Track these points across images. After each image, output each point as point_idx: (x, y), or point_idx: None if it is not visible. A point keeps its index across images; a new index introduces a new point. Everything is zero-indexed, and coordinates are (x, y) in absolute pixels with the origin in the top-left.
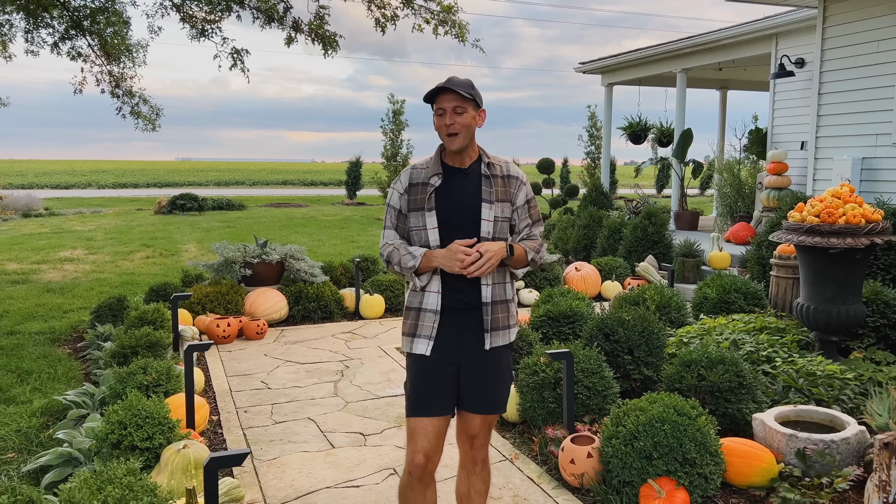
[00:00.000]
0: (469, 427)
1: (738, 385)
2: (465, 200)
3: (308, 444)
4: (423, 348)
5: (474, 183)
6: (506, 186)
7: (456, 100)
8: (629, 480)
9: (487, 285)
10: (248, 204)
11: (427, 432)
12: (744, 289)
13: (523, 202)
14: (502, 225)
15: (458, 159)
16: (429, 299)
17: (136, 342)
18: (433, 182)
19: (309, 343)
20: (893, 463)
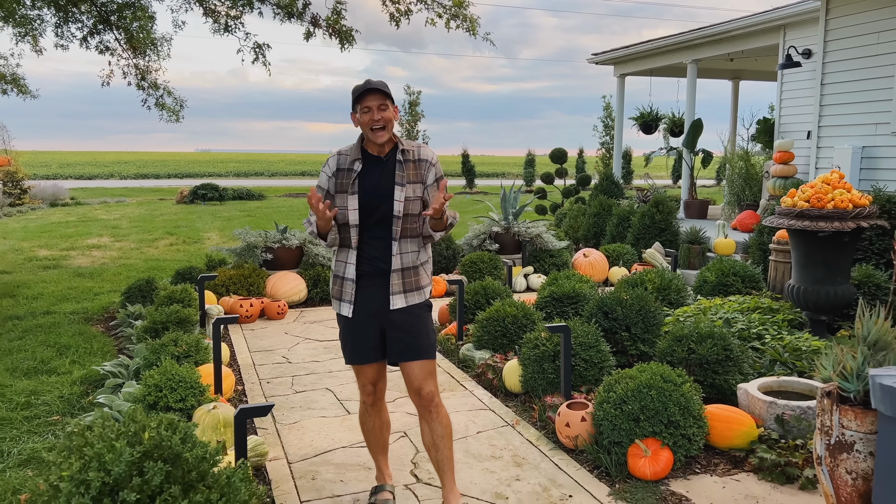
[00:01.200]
0: (412, 380)
1: (725, 358)
2: (381, 184)
3: (326, 411)
4: (347, 311)
5: (390, 168)
6: (417, 169)
7: (380, 98)
8: (618, 441)
9: (397, 255)
10: (267, 194)
11: (365, 373)
12: (742, 272)
13: (433, 181)
14: (413, 203)
15: (378, 149)
16: (347, 270)
17: (166, 318)
18: (355, 168)
19: (327, 323)
20: (834, 409)
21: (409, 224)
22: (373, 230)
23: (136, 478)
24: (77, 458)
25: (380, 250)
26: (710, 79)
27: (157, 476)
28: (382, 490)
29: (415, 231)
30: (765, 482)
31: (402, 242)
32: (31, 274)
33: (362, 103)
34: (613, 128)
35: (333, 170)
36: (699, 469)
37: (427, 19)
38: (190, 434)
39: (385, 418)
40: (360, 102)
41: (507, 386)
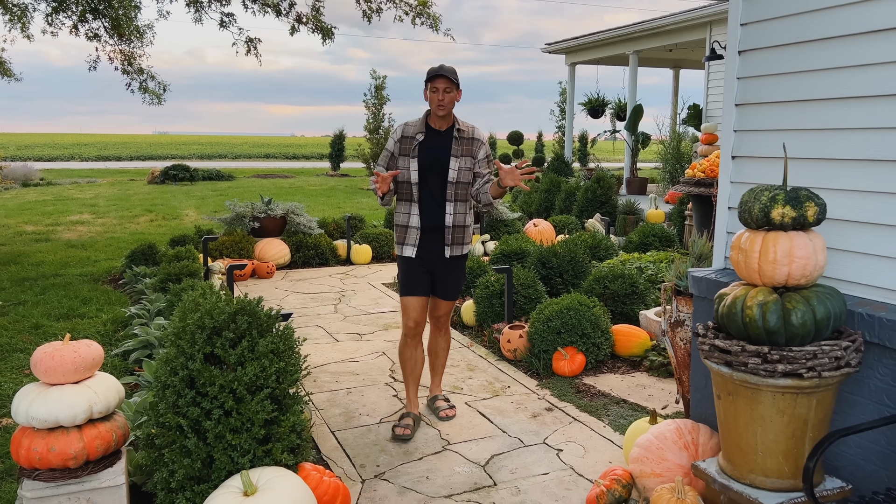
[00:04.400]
0: (437, 309)
1: (632, 292)
2: (439, 154)
3: (318, 340)
4: (410, 252)
5: (447, 142)
6: (470, 146)
7: (447, 83)
8: (545, 349)
9: (450, 214)
10: (235, 175)
11: (413, 306)
12: (660, 234)
13: (483, 157)
14: (465, 173)
15: (439, 123)
16: (412, 220)
17: (179, 271)
18: (418, 137)
19: (310, 280)
20: (672, 298)
21: (460, 190)
22: (430, 190)
23: (232, 324)
24: (194, 312)
25: (434, 209)
26: (654, 67)
27: (244, 324)
28: (407, 416)
29: (465, 196)
30: (653, 377)
31: (455, 204)
32: (25, 246)
33: (432, 83)
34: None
35: (399, 136)
36: (606, 370)
37: (395, 16)
38: (260, 303)
39: (421, 353)
40: (431, 82)
41: (465, 321)
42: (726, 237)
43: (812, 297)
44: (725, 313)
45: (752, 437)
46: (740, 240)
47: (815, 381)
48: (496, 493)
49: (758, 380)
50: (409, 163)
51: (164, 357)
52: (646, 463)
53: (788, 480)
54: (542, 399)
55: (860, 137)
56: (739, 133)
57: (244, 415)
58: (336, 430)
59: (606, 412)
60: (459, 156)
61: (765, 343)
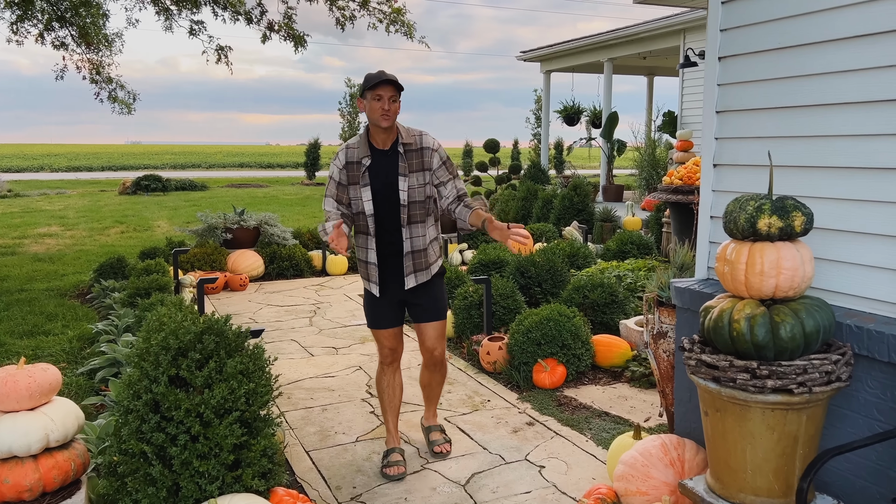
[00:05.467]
0: (425, 339)
1: (611, 301)
2: (387, 176)
3: (293, 355)
4: (375, 290)
5: (393, 161)
6: (420, 158)
7: (392, 90)
8: (525, 361)
9: (407, 239)
10: (209, 185)
11: (385, 336)
12: (638, 241)
13: (439, 164)
14: (419, 191)
15: (382, 141)
16: (369, 255)
17: (148, 285)
18: (364, 162)
19: (285, 292)
20: (655, 310)
21: (415, 211)
22: (384, 217)
23: (198, 344)
24: (158, 332)
25: (393, 234)
26: (628, 75)
27: (212, 343)
28: (394, 452)
29: (422, 215)
30: (634, 388)
31: (410, 228)
32: None
33: (375, 91)
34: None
35: (344, 162)
36: (587, 381)
37: (369, 24)
38: (228, 321)
39: (399, 380)
40: (373, 90)
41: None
42: (709, 247)
43: (801, 310)
44: (712, 327)
45: (741, 455)
46: (726, 251)
47: (805, 396)
48: None
49: (747, 396)
50: (360, 192)
51: (127, 380)
52: (631, 481)
53: (779, 499)
54: (523, 413)
55: (844, 145)
56: (721, 141)
57: (212, 440)
58: (311, 451)
59: (588, 426)
60: (409, 173)
61: (753, 358)
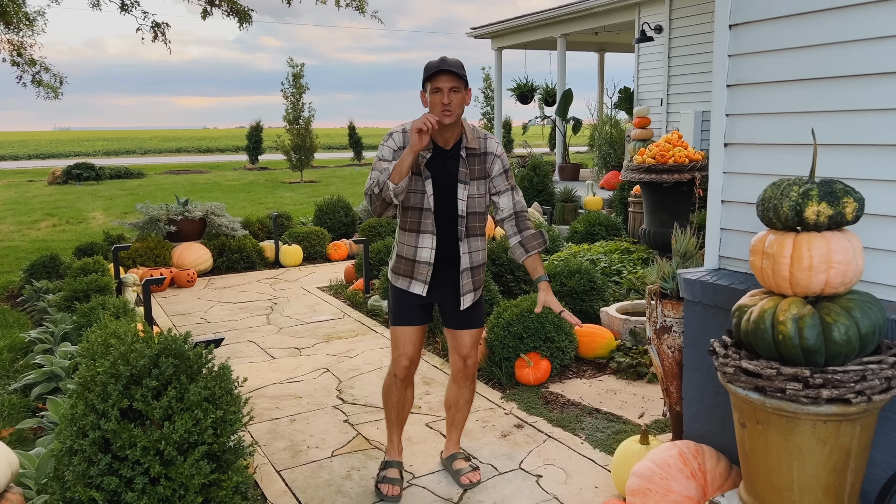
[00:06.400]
0: (460, 347)
1: (590, 288)
2: (446, 180)
3: (252, 358)
4: (420, 290)
5: (454, 163)
6: (483, 164)
7: (453, 80)
8: (507, 357)
9: (465, 254)
10: (146, 172)
11: (409, 339)
12: (605, 222)
13: (500, 172)
14: (479, 201)
15: (443, 139)
16: (421, 253)
17: (86, 287)
18: (425, 155)
19: (237, 288)
20: (658, 303)
21: (474, 223)
22: (442, 223)
23: (154, 370)
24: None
25: (444, 247)
26: (580, 51)
27: (170, 367)
28: (391, 467)
29: (480, 228)
30: (621, 380)
31: (468, 241)
32: None
33: (433, 83)
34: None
35: (400, 145)
36: (571, 374)
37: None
38: (187, 339)
39: (410, 395)
40: (431, 81)
41: None
42: (720, 234)
43: (853, 308)
44: (752, 329)
45: (786, 472)
46: (764, 243)
47: (863, 406)
48: None
49: (797, 408)
50: (422, 184)
51: (69, 415)
52: (649, 496)
53: None
54: (510, 414)
55: (882, 119)
56: (733, 118)
57: (176, 480)
58: (283, 470)
59: (581, 425)
60: (470, 180)
61: (800, 363)
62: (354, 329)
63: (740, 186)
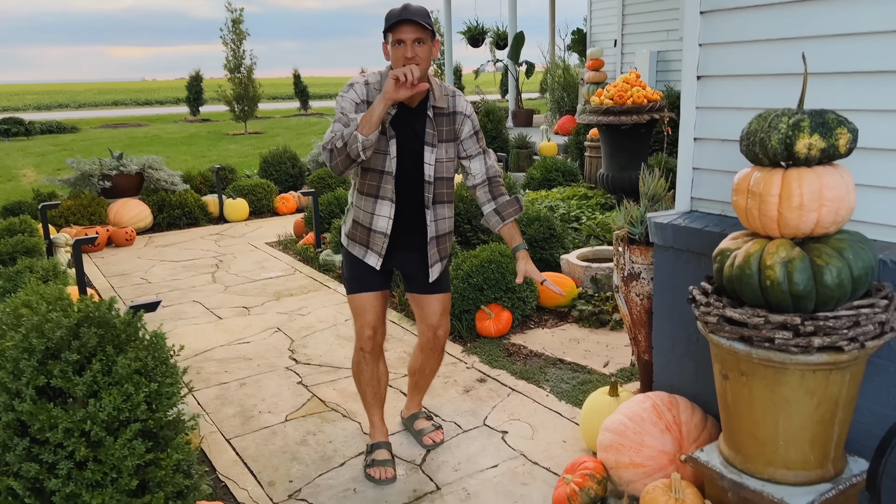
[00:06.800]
0: (428, 315)
1: (550, 236)
2: (411, 142)
3: (198, 319)
4: (374, 261)
5: (420, 124)
6: (451, 125)
7: (417, 31)
8: (467, 309)
9: (431, 223)
10: (80, 126)
11: (371, 307)
12: (562, 168)
13: (470, 134)
14: (447, 165)
15: (408, 97)
16: (378, 223)
17: (13, 248)
18: (390, 111)
19: (180, 245)
20: (625, 249)
21: (441, 189)
22: (405, 189)
23: (73, 342)
24: (16, 330)
25: (411, 211)
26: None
27: (93, 338)
28: (379, 448)
29: (448, 195)
30: (584, 328)
31: (435, 209)
32: None
33: (395, 34)
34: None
35: (363, 98)
36: (533, 325)
37: None
38: (113, 305)
39: (383, 370)
40: (392, 32)
41: None
42: (692, 174)
43: (845, 249)
44: (736, 275)
45: (771, 425)
46: (748, 181)
47: (854, 353)
48: (441, 502)
49: (785, 357)
50: (386, 144)
51: None
52: (622, 451)
53: (815, 471)
54: (472, 368)
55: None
56: (706, 48)
57: (106, 463)
58: (233, 438)
59: (545, 376)
60: (438, 143)
61: (788, 309)
62: (306, 285)
63: (714, 122)
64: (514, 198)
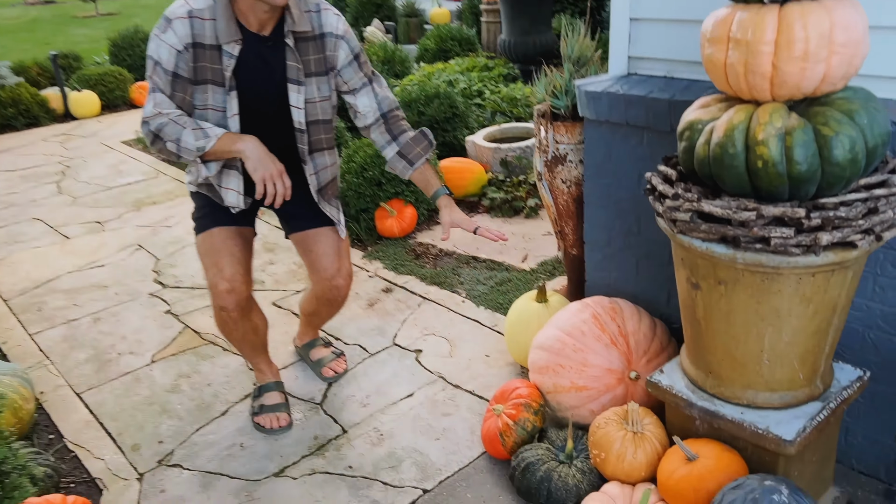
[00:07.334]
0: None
1: (452, 115)
2: (267, 82)
3: (39, 241)
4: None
5: (278, 57)
6: (321, 51)
7: None
8: (364, 208)
9: (311, 175)
10: None
11: (223, 250)
12: (458, 36)
13: (348, 60)
14: (323, 105)
15: (257, 21)
16: (228, 197)
17: None
18: (230, 51)
19: (16, 151)
20: (549, 127)
21: (319, 135)
22: (266, 142)
23: None
24: None
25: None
26: None
27: None
28: (269, 391)
29: (328, 140)
30: (497, 218)
31: (314, 159)
32: None
33: None
34: None
35: (187, 42)
36: None
37: None
38: None
39: (259, 319)
40: None
41: None
42: (629, 27)
43: (857, 111)
44: (714, 156)
45: (754, 342)
46: (728, 26)
47: (865, 248)
48: (350, 449)
49: (781, 261)
50: (222, 98)
51: None
52: (560, 373)
53: (802, 390)
54: (375, 276)
55: None
56: None
57: None
58: (85, 392)
59: (459, 279)
60: (305, 78)
61: (782, 197)
62: (172, 190)
63: None
64: (420, 132)
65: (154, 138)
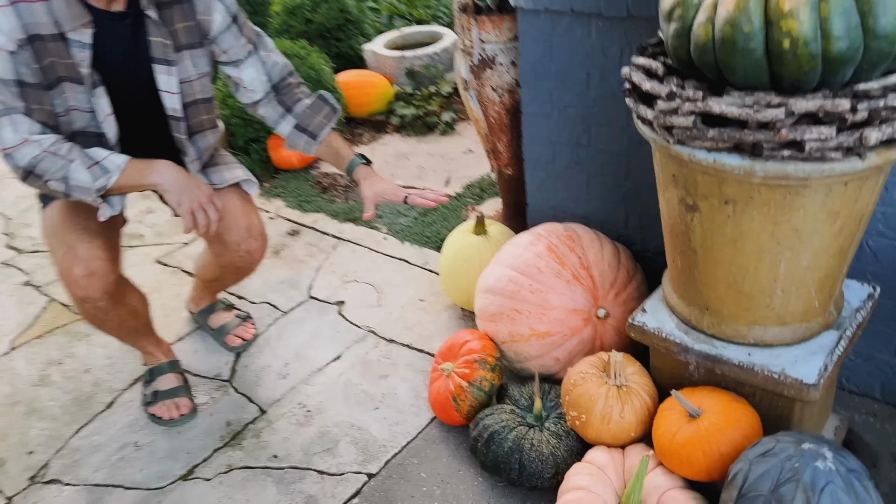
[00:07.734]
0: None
1: (345, 22)
2: (137, 68)
3: None
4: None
5: (137, 35)
6: (189, 18)
7: None
8: (255, 137)
9: (193, 161)
10: None
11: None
12: None
13: (224, 26)
14: (200, 83)
15: None
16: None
17: None
18: (79, 38)
19: None
20: (472, 24)
21: (198, 116)
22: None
23: None
24: None
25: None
26: None
27: None
28: (163, 373)
29: (210, 121)
30: (409, 138)
31: (196, 142)
32: None
33: None
34: None
35: (19, 37)
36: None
37: None
38: None
39: (137, 296)
40: None
41: None
42: None
43: None
44: (721, 39)
45: (767, 270)
46: None
47: None
48: (272, 434)
49: (814, 169)
50: (86, 98)
51: None
52: (518, 320)
53: (816, 320)
54: (278, 217)
55: None
56: None
57: None
58: None
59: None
60: (175, 56)
61: (807, 87)
62: None
63: None
64: (319, 97)
65: (26, 175)
